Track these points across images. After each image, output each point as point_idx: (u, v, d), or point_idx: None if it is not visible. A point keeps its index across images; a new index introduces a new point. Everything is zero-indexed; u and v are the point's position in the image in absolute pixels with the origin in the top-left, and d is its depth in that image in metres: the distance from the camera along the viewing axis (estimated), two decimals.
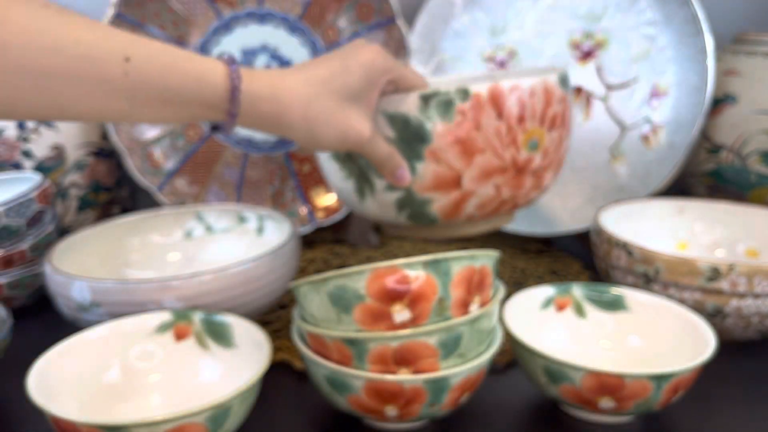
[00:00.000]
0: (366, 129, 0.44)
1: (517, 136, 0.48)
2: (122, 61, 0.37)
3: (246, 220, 0.64)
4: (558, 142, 0.51)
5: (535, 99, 0.48)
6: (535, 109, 0.48)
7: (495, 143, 0.47)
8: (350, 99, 0.43)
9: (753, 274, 0.48)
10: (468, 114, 0.47)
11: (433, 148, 0.47)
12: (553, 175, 0.54)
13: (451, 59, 0.80)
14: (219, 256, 0.62)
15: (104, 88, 0.37)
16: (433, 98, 0.46)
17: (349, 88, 0.43)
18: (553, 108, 0.50)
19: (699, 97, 0.67)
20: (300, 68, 0.44)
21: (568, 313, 0.51)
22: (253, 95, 0.41)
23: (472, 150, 0.47)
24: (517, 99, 0.47)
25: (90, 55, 0.36)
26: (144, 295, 0.47)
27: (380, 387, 0.39)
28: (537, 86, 0.48)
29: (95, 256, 0.58)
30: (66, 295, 0.49)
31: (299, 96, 0.42)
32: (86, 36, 0.36)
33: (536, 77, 0.49)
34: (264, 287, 0.51)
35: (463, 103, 0.46)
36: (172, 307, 0.47)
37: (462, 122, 0.47)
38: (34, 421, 0.44)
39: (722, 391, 0.48)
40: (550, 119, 0.50)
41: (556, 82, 0.50)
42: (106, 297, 0.47)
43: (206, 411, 0.36)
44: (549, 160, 0.51)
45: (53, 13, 0.36)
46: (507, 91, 0.47)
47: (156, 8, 0.70)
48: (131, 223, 0.62)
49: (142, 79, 0.38)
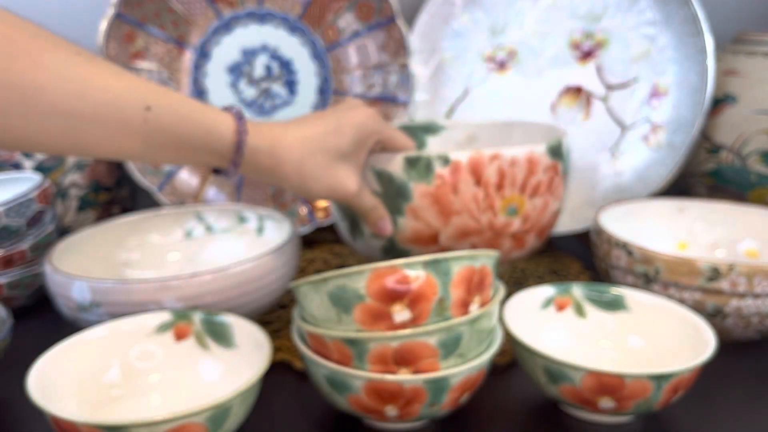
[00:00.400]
0: (352, 184, 0.48)
1: (495, 202, 0.50)
2: (143, 110, 0.41)
3: (246, 220, 0.64)
4: (542, 208, 0.53)
5: (516, 168, 0.50)
6: (515, 178, 0.50)
7: (471, 207, 0.50)
8: (340, 157, 0.48)
9: (753, 274, 0.48)
10: (446, 178, 0.49)
11: (413, 206, 0.50)
12: (537, 237, 0.55)
13: (451, 59, 0.80)
14: (219, 256, 0.62)
15: (124, 132, 0.41)
16: (416, 161, 0.49)
17: (340, 147, 0.47)
18: (537, 177, 0.51)
19: (699, 97, 0.67)
20: (299, 124, 0.48)
21: (568, 313, 0.51)
22: (255, 149, 0.45)
23: (449, 211, 0.50)
24: (496, 168, 0.49)
25: (114, 102, 0.40)
26: (144, 295, 0.47)
27: (380, 387, 0.39)
28: (519, 156, 0.50)
29: (95, 256, 0.58)
30: (66, 295, 0.49)
31: (294, 153, 0.46)
32: (112, 84, 0.40)
33: (521, 148, 0.50)
34: (264, 287, 0.51)
35: (443, 168, 0.49)
36: (172, 307, 0.47)
37: (440, 185, 0.49)
38: (34, 421, 0.44)
39: (722, 391, 0.48)
40: (532, 187, 0.51)
41: (543, 152, 0.51)
42: (106, 297, 0.47)
43: (206, 411, 0.36)
44: (530, 225, 0.53)
45: (83, 61, 0.39)
46: (486, 160, 0.49)
47: (156, 8, 0.70)
48: (131, 223, 0.62)
49: (159, 127, 0.41)
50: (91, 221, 0.74)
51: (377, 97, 0.78)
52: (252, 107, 0.75)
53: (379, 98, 0.78)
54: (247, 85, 0.75)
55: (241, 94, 0.75)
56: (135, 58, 0.70)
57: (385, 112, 0.78)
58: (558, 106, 0.76)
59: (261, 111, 0.76)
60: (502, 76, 0.78)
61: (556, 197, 0.54)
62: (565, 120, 0.76)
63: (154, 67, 0.72)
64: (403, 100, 0.77)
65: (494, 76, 0.79)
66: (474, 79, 0.79)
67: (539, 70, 0.77)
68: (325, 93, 0.77)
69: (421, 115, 0.79)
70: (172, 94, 0.43)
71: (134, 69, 0.70)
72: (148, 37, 0.71)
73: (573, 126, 0.75)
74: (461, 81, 0.80)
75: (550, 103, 0.77)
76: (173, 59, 0.72)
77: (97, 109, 0.39)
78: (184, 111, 0.43)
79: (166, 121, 0.42)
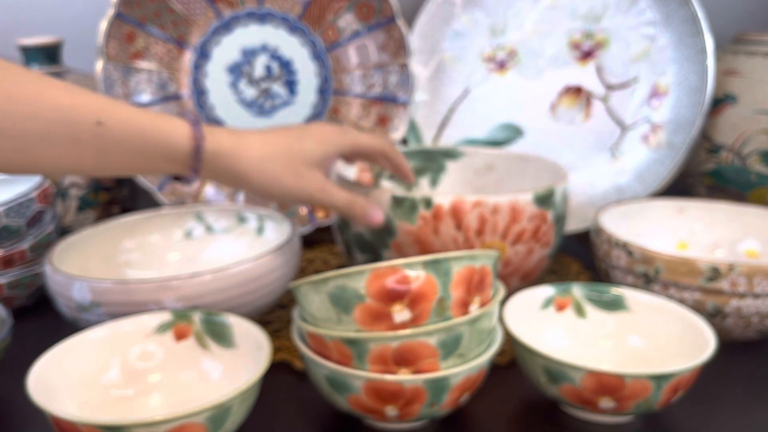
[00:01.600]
0: (315, 183, 0.48)
1: (474, 246, 0.52)
2: (94, 125, 0.41)
3: (246, 220, 0.64)
4: (525, 254, 0.54)
5: (498, 216, 0.51)
6: (496, 225, 0.51)
7: (451, 249, 0.51)
8: (302, 162, 0.48)
9: (753, 274, 0.48)
10: (428, 220, 0.51)
11: (397, 242, 0.53)
12: (522, 280, 0.56)
13: (451, 59, 0.80)
14: (219, 256, 0.62)
15: (77, 148, 0.41)
16: (402, 201, 0.51)
17: (302, 151, 0.48)
18: (521, 225, 0.52)
19: (699, 97, 0.67)
20: (261, 130, 0.48)
21: (568, 313, 0.51)
22: (215, 153, 0.45)
23: (430, 251, 0.52)
24: (477, 215, 0.51)
25: (66, 120, 0.40)
26: (144, 295, 0.47)
27: (380, 387, 0.39)
28: (502, 204, 0.51)
29: (95, 256, 0.58)
30: (66, 295, 0.49)
31: (255, 153, 0.46)
32: (62, 102, 0.40)
33: (504, 196, 0.51)
34: (264, 287, 0.51)
35: (426, 211, 0.51)
36: (172, 307, 0.47)
37: (423, 226, 0.51)
38: (34, 421, 0.44)
39: (722, 391, 0.48)
40: (515, 235, 0.52)
41: (529, 200, 0.52)
42: (106, 297, 0.47)
43: (206, 411, 0.36)
44: (512, 269, 0.54)
45: (33, 80, 0.39)
46: (468, 206, 0.50)
47: (156, 8, 0.70)
48: (131, 223, 0.62)
49: (112, 140, 0.42)
50: (91, 221, 0.74)
51: (377, 97, 0.78)
52: (252, 107, 0.75)
53: (379, 98, 0.78)
54: (247, 85, 0.75)
55: (241, 94, 0.75)
56: (135, 58, 0.70)
57: (385, 112, 0.78)
58: (558, 106, 0.76)
59: (261, 111, 0.76)
60: (502, 76, 0.78)
61: (543, 244, 0.55)
62: (565, 120, 0.76)
63: (154, 67, 0.72)
64: (403, 100, 0.77)
65: (494, 76, 0.79)
66: (474, 79, 0.79)
67: (539, 70, 0.77)
68: (325, 93, 0.77)
69: (421, 115, 0.79)
70: (123, 106, 0.43)
71: (134, 69, 0.70)
72: (148, 37, 0.71)
73: (573, 126, 0.75)
74: (461, 81, 0.80)
75: (550, 103, 0.77)
76: (173, 59, 0.72)
77: (49, 129, 0.39)
78: (136, 122, 0.42)
79: (118, 134, 0.42)
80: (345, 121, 0.78)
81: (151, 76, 0.72)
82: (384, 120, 0.78)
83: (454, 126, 0.80)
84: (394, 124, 0.77)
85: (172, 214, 0.64)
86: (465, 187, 0.70)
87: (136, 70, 0.71)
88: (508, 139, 0.78)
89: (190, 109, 0.73)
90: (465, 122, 0.79)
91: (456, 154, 0.70)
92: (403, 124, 0.77)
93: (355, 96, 0.78)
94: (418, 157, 0.70)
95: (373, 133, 0.77)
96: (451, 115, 0.80)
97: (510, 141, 0.78)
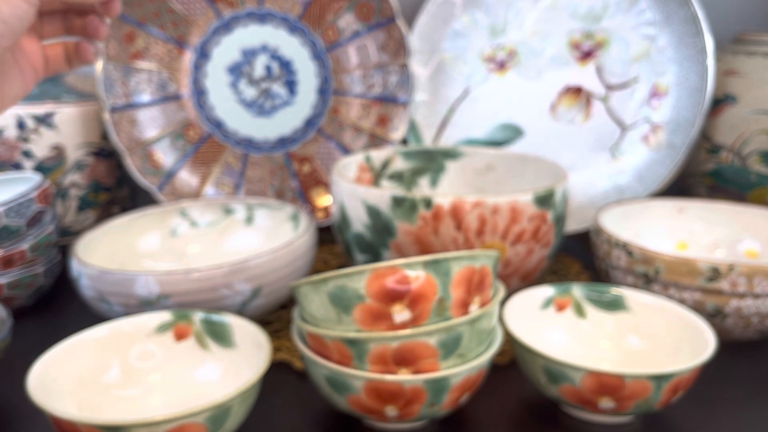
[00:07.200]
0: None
1: (474, 246, 0.52)
2: None
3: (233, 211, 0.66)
4: (525, 255, 0.54)
5: (498, 216, 0.51)
6: (496, 225, 0.51)
7: (450, 249, 0.52)
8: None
9: (753, 274, 0.48)
10: (428, 221, 0.51)
11: (396, 242, 0.53)
12: (522, 280, 0.56)
13: (451, 59, 0.80)
14: (238, 247, 0.64)
15: None
16: (401, 201, 0.51)
17: None
18: (521, 225, 0.52)
19: (699, 97, 0.67)
20: None
21: (568, 313, 0.51)
22: None
23: (430, 251, 0.52)
24: (477, 215, 0.51)
25: None
26: (214, 282, 0.49)
27: (380, 387, 0.39)
28: (502, 204, 0.51)
29: (111, 253, 0.60)
30: (125, 293, 0.49)
31: None
32: None
33: (504, 197, 0.51)
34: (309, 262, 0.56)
35: (426, 211, 0.51)
36: (242, 289, 0.49)
37: (423, 226, 0.51)
38: (34, 421, 0.44)
39: (722, 391, 0.48)
40: (515, 235, 0.52)
41: (529, 201, 0.52)
42: (176, 287, 0.48)
43: (206, 411, 0.36)
44: (512, 270, 0.54)
45: None
46: (469, 206, 0.50)
47: (156, 8, 0.70)
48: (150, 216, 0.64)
49: None
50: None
51: (377, 97, 0.78)
52: (252, 107, 0.75)
53: (379, 98, 0.78)
54: (247, 85, 0.75)
55: (241, 94, 0.75)
56: (135, 58, 0.70)
57: (385, 112, 0.78)
58: (558, 107, 0.76)
59: (261, 111, 0.76)
60: (502, 76, 0.78)
61: (543, 244, 0.55)
62: (565, 120, 0.76)
63: (154, 67, 0.72)
64: (403, 100, 0.77)
65: (494, 77, 0.79)
66: (474, 80, 0.79)
67: (539, 71, 0.77)
68: (325, 93, 0.77)
69: (421, 115, 0.79)
70: None
71: (134, 69, 0.70)
72: (148, 37, 0.71)
73: (573, 126, 0.75)
74: (461, 81, 0.80)
75: (550, 103, 0.77)
76: (173, 59, 0.72)
77: None
78: None
79: None
80: (345, 121, 0.78)
81: (151, 76, 0.72)
82: (384, 120, 0.78)
83: (454, 126, 0.80)
84: (394, 124, 0.77)
85: (206, 204, 0.66)
86: (465, 187, 0.70)
87: (136, 70, 0.71)
88: (508, 139, 0.78)
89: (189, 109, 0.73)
90: (465, 122, 0.79)
91: (456, 154, 0.70)
92: (403, 124, 0.77)
93: (355, 96, 0.78)
94: (418, 157, 0.70)
95: (372, 133, 0.77)
96: (451, 115, 0.80)
97: (510, 141, 0.78)
